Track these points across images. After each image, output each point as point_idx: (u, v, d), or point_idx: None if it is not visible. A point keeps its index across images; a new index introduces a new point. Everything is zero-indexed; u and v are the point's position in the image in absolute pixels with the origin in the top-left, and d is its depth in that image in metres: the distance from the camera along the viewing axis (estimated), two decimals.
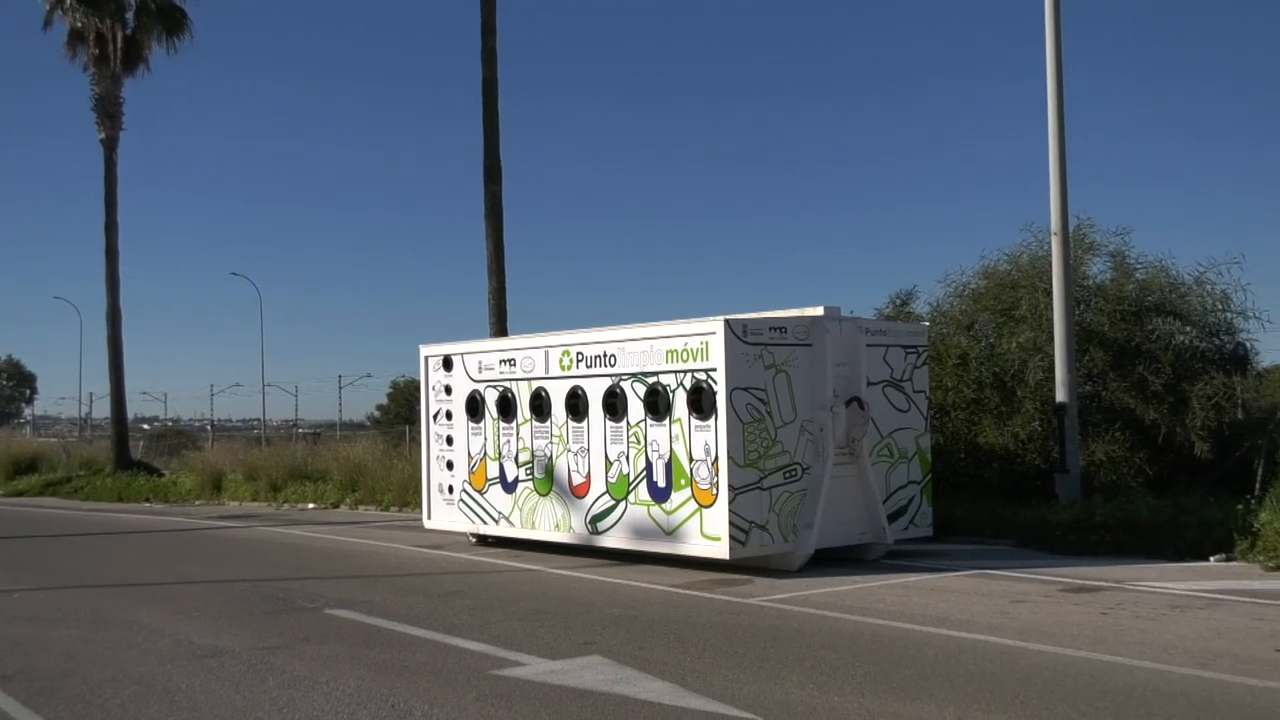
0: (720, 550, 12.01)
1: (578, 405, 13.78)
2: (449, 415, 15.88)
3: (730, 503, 11.90)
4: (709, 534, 12.13)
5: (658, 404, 12.74)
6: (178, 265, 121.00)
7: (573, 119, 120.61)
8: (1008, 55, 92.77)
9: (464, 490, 15.62)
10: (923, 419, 13.95)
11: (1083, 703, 6.64)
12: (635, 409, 13.05)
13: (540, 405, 14.33)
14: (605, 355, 13.48)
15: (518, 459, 14.74)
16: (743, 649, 8.42)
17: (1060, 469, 15.11)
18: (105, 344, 34.86)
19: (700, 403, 12.23)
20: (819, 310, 12.93)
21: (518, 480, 14.76)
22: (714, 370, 12.11)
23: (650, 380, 12.86)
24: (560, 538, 14.18)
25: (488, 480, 15.22)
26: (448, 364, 15.91)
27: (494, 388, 15.08)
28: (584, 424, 13.72)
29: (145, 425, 67.42)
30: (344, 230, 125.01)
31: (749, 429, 12.08)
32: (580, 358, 13.82)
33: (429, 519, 16.44)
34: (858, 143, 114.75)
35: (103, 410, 49.43)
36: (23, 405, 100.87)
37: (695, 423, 12.29)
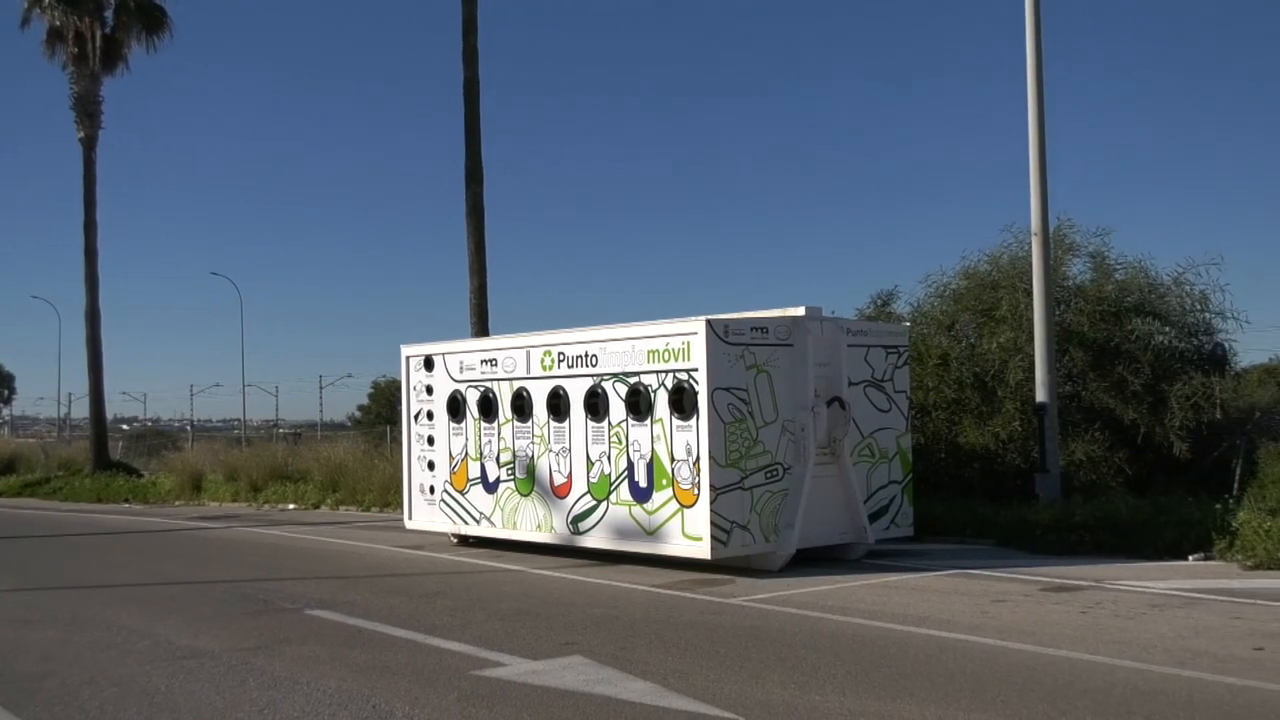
0: (702, 550, 12.01)
1: (559, 405, 13.77)
2: (430, 415, 15.85)
3: (712, 503, 11.91)
4: (690, 534, 12.13)
5: (639, 404, 12.74)
6: (157, 265, 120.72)
7: (554, 117, 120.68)
8: (990, 54, 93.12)
9: (445, 490, 15.59)
10: (904, 419, 13.98)
11: (1063, 701, 6.66)
12: (617, 409, 13.05)
13: (522, 405, 14.31)
14: (587, 355, 13.47)
15: (499, 459, 14.71)
16: (724, 649, 8.42)
17: (1040, 469, 15.17)
18: (84, 344, 34.71)
19: (682, 403, 12.23)
20: (800, 310, 12.95)
21: (499, 480, 14.74)
22: (695, 370, 12.11)
23: (632, 380, 12.86)
24: (542, 538, 14.17)
25: (469, 480, 15.19)
26: (429, 364, 15.88)
27: (475, 388, 15.05)
28: (565, 424, 13.71)
29: (124, 425, 67.17)
30: (325, 230, 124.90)
31: (730, 429, 12.09)
32: (562, 358, 13.81)
33: (410, 519, 16.40)
34: (843, 142, 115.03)
35: (81, 410, 49.21)
36: (0, 405, 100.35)
37: (677, 423, 12.29)
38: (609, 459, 13.13)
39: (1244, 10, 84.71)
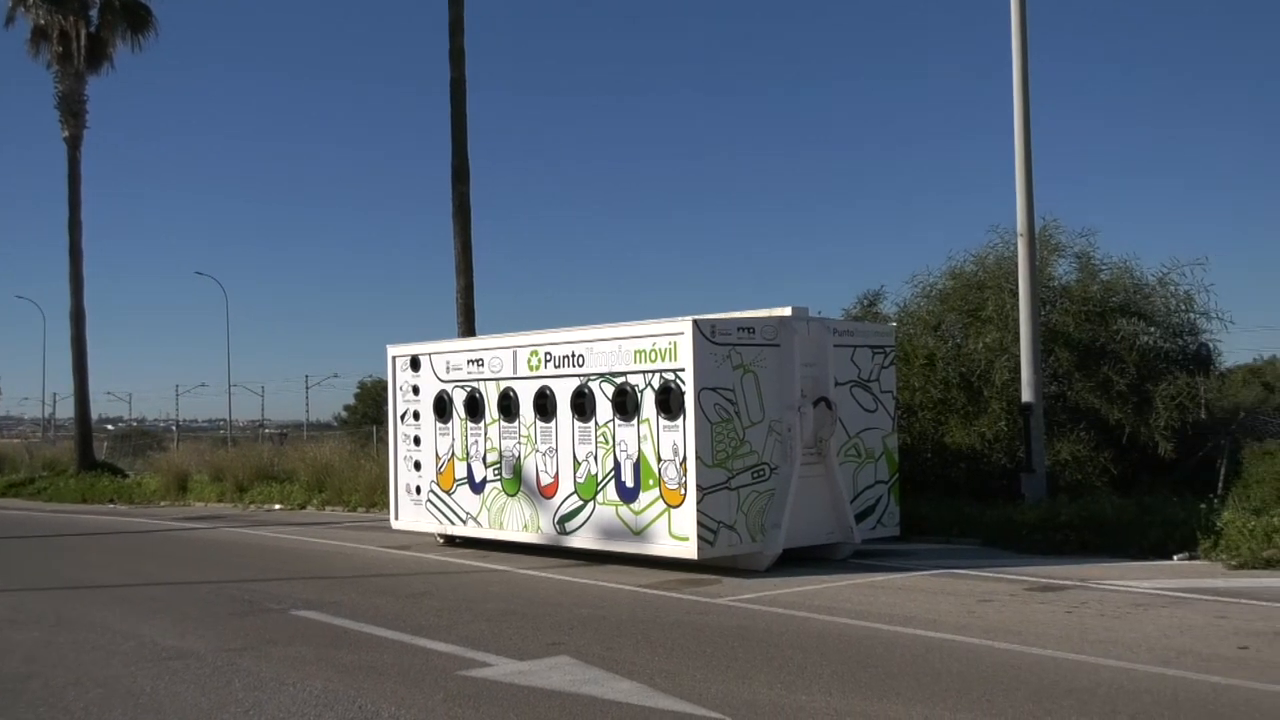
0: (688, 550, 12.01)
1: (546, 405, 13.76)
2: (416, 415, 15.82)
3: (698, 503, 11.91)
4: (677, 534, 12.13)
5: (626, 404, 12.74)
6: (143, 264, 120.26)
7: (539, 116, 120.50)
8: (978, 53, 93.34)
9: (432, 491, 15.57)
10: (890, 419, 14.00)
11: (1048, 701, 6.68)
12: (603, 409, 13.04)
13: (508, 405, 14.30)
14: (573, 355, 13.46)
15: (486, 459, 14.70)
16: (710, 649, 8.42)
17: (1026, 469, 15.20)
18: (69, 344, 34.60)
19: (668, 403, 12.24)
20: (787, 310, 12.96)
21: (486, 481, 14.72)
22: (682, 370, 12.11)
23: (618, 380, 12.86)
24: (528, 538, 14.15)
25: (455, 481, 15.17)
26: (415, 364, 15.85)
27: (462, 388, 15.03)
28: (552, 424, 13.70)
29: (109, 426, 66.87)
30: (311, 229, 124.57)
31: (717, 429, 12.09)
32: (548, 358, 13.80)
33: (396, 519, 16.37)
34: (828, 142, 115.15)
35: (66, 410, 48.99)
36: None
37: (663, 423, 12.30)
38: (596, 459, 13.13)
39: (1232, 7, 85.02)
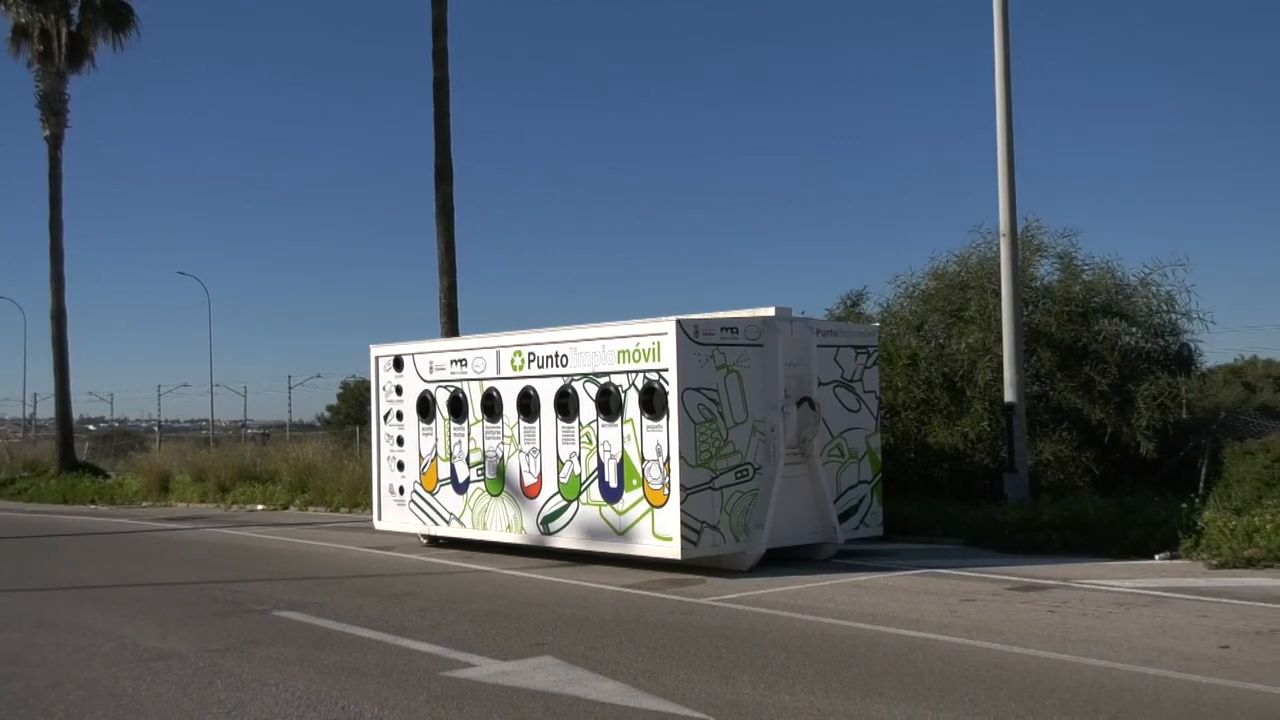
0: (672, 550, 12.01)
1: (529, 405, 13.75)
2: (400, 416, 15.79)
3: (682, 503, 11.91)
4: (661, 534, 12.13)
5: (609, 404, 12.73)
6: (125, 264, 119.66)
7: (521, 115, 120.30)
8: (961, 52, 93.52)
9: (415, 491, 15.54)
10: (873, 419, 14.03)
11: (1030, 700, 6.70)
12: (587, 409, 13.04)
13: (492, 405, 14.28)
14: (557, 355, 13.45)
15: (469, 459, 14.68)
16: (694, 649, 8.42)
17: (1009, 468, 15.25)
18: (50, 343, 34.43)
19: (652, 403, 12.24)
20: (770, 311, 12.97)
21: (469, 481, 14.70)
22: (666, 370, 12.12)
23: (602, 380, 12.85)
24: (512, 538, 14.14)
25: (439, 481, 15.15)
26: (398, 364, 15.82)
27: (445, 388, 15.01)
28: (536, 424, 13.69)
29: (91, 426, 66.58)
30: (294, 229, 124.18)
31: (701, 429, 12.10)
32: (532, 358, 13.79)
33: (379, 520, 16.33)
34: (812, 140, 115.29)
35: (47, 411, 48.68)
36: None
37: (647, 423, 12.30)
38: (579, 459, 13.12)
39: (1220, 5, 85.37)
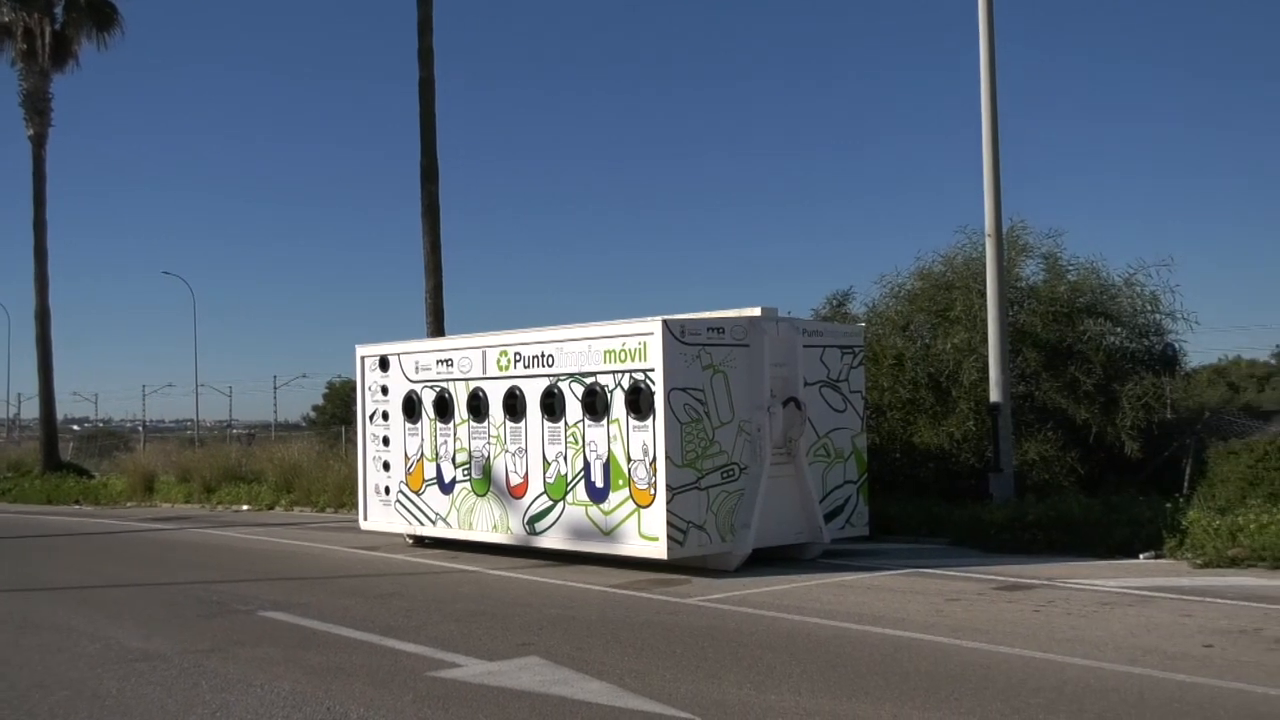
0: (658, 550, 12.01)
1: (515, 405, 13.73)
2: (385, 416, 15.76)
3: (668, 503, 11.91)
4: (647, 534, 12.13)
5: (596, 404, 12.73)
6: (109, 264, 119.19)
7: (508, 113, 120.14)
8: (947, 50, 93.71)
9: (400, 491, 15.51)
10: (859, 419, 14.04)
11: (1016, 699, 6.72)
12: (573, 409, 13.03)
13: (478, 406, 14.26)
14: (543, 355, 13.44)
15: (455, 460, 14.66)
16: (680, 649, 8.43)
17: (994, 468, 15.28)
18: (34, 343, 34.31)
19: (638, 403, 12.23)
20: (756, 311, 12.98)
21: (455, 481, 14.68)
22: (652, 371, 12.12)
23: (588, 380, 12.85)
24: (498, 539, 14.12)
25: (425, 481, 15.12)
26: (384, 364, 15.79)
27: (431, 388, 14.98)
28: (522, 424, 13.67)
29: (75, 426, 66.40)
30: (279, 229, 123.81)
31: (687, 429, 12.10)
32: (518, 358, 13.77)
33: (365, 520, 16.30)
34: (798, 140, 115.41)
35: (31, 411, 48.59)
36: None
37: (633, 423, 12.29)
38: (565, 459, 13.11)
39: (1219, 5, 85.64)
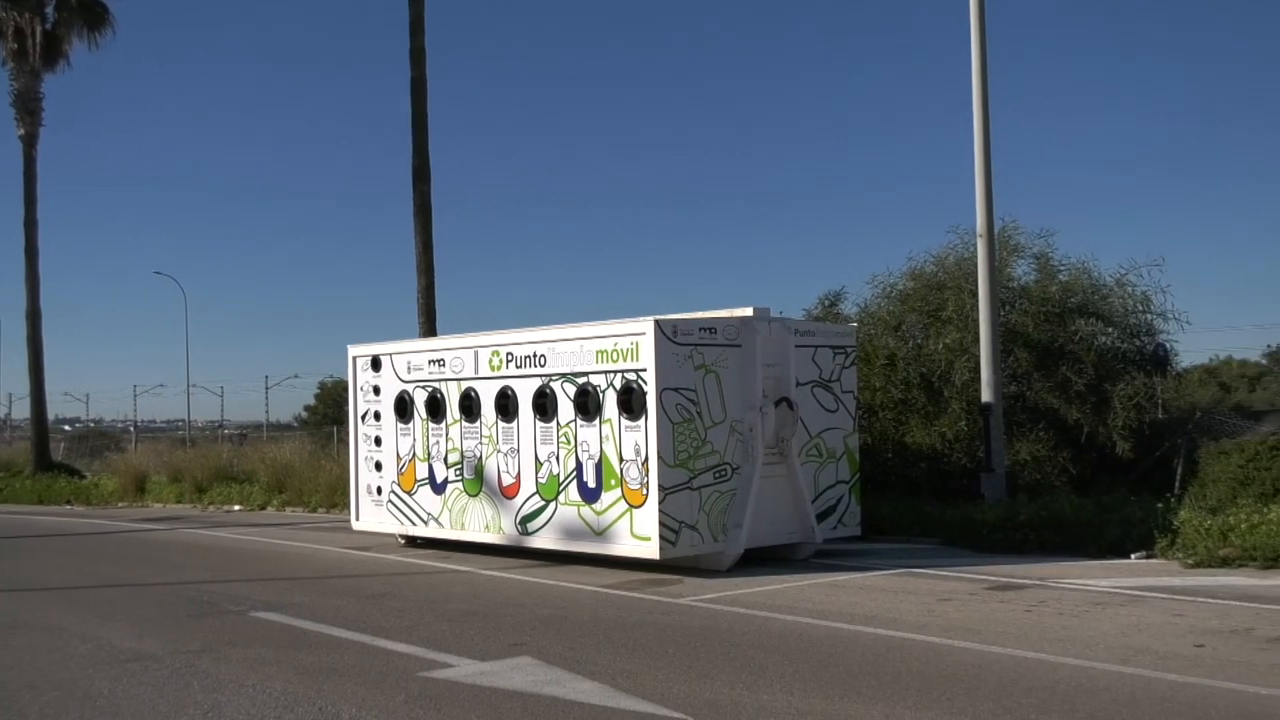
0: (650, 550, 12.02)
1: (507, 406, 13.73)
2: (377, 416, 15.74)
3: (660, 503, 11.92)
4: (639, 534, 12.13)
5: (588, 404, 12.72)
6: (101, 264, 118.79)
7: (499, 111, 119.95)
8: (939, 49, 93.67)
9: (393, 491, 15.49)
10: (851, 419, 14.06)
11: (1007, 699, 6.73)
12: (565, 409, 13.02)
13: (470, 406, 14.25)
14: (535, 355, 13.43)
15: (447, 460, 14.65)
16: (673, 649, 8.43)
17: (986, 468, 15.31)
18: (25, 344, 34.20)
19: (630, 403, 12.24)
20: (748, 311, 12.99)
21: (447, 481, 14.67)
22: (644, 371, 12.12)
23: (580, 380, 12.84)
24: (490, 539, 14.12)
25: (417, 481, 15.11)
26: (376, 364, 15.78)
27: (423, 388, 14.97)
28: (514, 424, 13.67)
29: (66, 426, 66.24)
30: (271, 229, 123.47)
31: (679, 429, 12.10)
32: (510, 358, 13.77)
33: (357, 520, 16.28)
34: (791, 139, 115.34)
35: (22, 411, 48.36)
36: None
37: (625, 423, 12.29)
38: (558, 459, 13.11)
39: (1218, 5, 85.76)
